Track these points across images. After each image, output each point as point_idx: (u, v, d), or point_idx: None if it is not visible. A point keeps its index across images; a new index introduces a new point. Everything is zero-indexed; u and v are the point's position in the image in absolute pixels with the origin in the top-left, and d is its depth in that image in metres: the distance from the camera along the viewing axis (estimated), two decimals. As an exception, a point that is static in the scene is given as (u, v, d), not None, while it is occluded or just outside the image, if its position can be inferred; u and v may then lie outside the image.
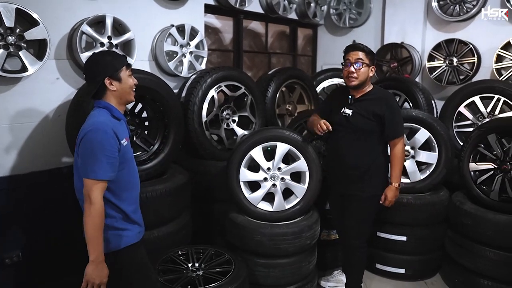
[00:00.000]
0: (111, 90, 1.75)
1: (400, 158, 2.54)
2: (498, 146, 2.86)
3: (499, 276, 2.71)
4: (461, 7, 4.01)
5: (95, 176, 1.62)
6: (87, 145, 1.63)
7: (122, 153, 1.72)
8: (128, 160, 1.79)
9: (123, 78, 1.77)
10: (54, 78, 2.68)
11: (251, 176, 2.70)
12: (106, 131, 1.65)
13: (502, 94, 3.47)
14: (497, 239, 2.67)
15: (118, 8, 2.92)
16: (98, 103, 1.77)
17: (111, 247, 1.73)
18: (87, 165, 1.63)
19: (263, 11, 4.22)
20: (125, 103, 1.84)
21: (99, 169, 1.62)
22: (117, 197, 1.74)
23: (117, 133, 1.69)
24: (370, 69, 2.46)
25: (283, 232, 2.54)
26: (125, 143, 1.74)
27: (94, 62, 1.76)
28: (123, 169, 1.74)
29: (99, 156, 1.62)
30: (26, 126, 2.59)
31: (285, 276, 2.61)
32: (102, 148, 1.62)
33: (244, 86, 3.32)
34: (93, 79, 1.74)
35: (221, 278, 2.24)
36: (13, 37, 2.31)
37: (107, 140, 1.64)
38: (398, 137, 2.51)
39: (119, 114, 1.77)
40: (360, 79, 2.44)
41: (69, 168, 2.80)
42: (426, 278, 3.19)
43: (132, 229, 1.81)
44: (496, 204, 2.78)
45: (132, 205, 1.82)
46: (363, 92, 2.51)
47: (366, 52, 2.44)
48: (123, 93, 1.78)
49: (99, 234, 1.64)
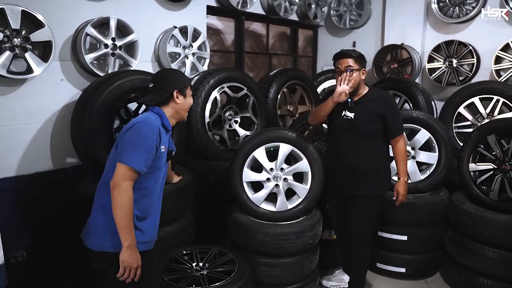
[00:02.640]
0: (175, 102, 1.88)
1: (404, 153, 2.61)
2: (498, 146, 2.89)
3: (498, 274, 2.74)
4: (461, 8, 4.04)
5: (131, 163, 1.67)
6: (133, 134, 1.71)
7: (156, 156, 1.77)
8: (158, 168, 1.83)
9: (187, 95, 1.93)
10: (59, 79, 2.71)
11: (254, 177, 2.72)
12: (153, 127, 1.74)
13: (501, 95, 3.51)
14: (496, 238, 2.69)
15: (122, 10, 2.94)
16: (153, 108, 1.86)
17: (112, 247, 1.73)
18: (127, 151, 1.69)
19: (264, 13, 4.25)
20: (178, 119, 1.95)
21: (136, 158, 1.68)
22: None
23: (161, 137, 1.78)
24: (361, 72, 2.51)
25: (286, 231, 2.57)
26: (162, 150, 1.81)
27: (167, 75, 1.94)
28: (150, 172, 1.78)
29: (140, 147, 1.69)
30: (31, 127, 2.62)
31: (288, 275, 2.63)
32: (145, 140, 1.70)
33: (246, 87, 3.35)
34: (164, 89, 1.85)
35: (225, 277, 2.26)
36: (19, 38, 2.34)
37: (152, 135, 1.72)
38: (400, 134, 2.58)
39: (168, 124, 1.87)
40: (353, 85, 2.48)
41: (74, 168, 2.83)
42: (427, 277, 3.22)
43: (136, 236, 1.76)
44: (495, 204, 2.81)
45: (143, 213, 1.81)
46: (360, 95, 2.56)
47: (355, 58, 2.48)
48: (182, 108, 1.92)
49: (130, 222, 1.69)
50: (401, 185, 2.61)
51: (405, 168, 2.62)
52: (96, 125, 2.40)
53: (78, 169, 2.80)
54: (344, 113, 2.56)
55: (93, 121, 2.39)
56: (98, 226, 1.78)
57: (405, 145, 2.63)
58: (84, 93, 2.58)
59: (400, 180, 2.62)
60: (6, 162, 2.52)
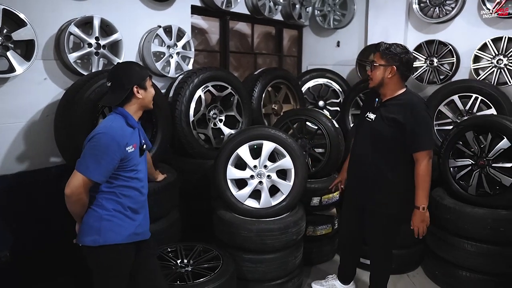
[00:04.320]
0: (136, 98, 1.87)
1: (423, 177, 2.22)
2: (475, 143, 2.98)
3: (476, 267, 2.82)
4: (441, 9, 4.13)
5: (85, 172, 1.70)
6: (93, 144, 1.73)
7: (128, 158, 1.81)
8: (135, 165, 1.87)
9: (148, 87, 1.91)
10: (42, 79, 2.70)
11: (238, 174, 2.76)
12: (114, 137, 1.74)
13: (479, 93, 3.60)
14: (474, 232, 2.78)
15: (106, 9, 2.95)
16: (116, 109, 1.87)
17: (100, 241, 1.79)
18: (84, 160, 1.72)
19: (249, 12, 4.29)
20: (144, 109, 1.96)
21: (94, 169, 1.71)
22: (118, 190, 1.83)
23: (125, 140, 1.79)
24: (387, 69, 2.25)
25: (269, 228, 2.60)
26: (131, 149, 1.82)
27: (123, 71, 1.87)
28: (130, 170, 1.84)
29: (99, 158, 1.71)
30: (14, 126, 2.61)
31: (272, 271, 2.67)
32: (105, 152, 1.72)
33: (230, 86, 3.38)
34: (122, 87, 1.84)
35: (209, 273, 2.30)
36: (0, 37, 2.33)
37: (112, 146, 1.73)
38: (421, 151, 2.21)
39: (133, 121, 1.87)
40: (375, 81, 2.30)
41: (57, 168, 2.82)
42: (409, 271, 3.29)
43: (127, 227, 1.85)
44: (473, 199, 2.89)
45: (136, 205, 1.90)
46: (390, 96, 2.32)
47: (381, 52, 2.26)
48: (145, 101, 1.91)
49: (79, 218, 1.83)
50: (414, 215, 2.28)
51: (422, 194, 2.24)
52: (80, 124, 2.41)
53: (62, 168, 2.79)
54: (368, 114, 2.40)
55: (77, 120, 2.40)
56: None
57: (427, 166, 2.22)
58: (67, 92, 2.58)
59: (415, 208, 2.27)
60: (-12, 162, 2.50)
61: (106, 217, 1.80)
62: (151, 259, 2.05)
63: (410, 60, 2.29)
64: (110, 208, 1.81)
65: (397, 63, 2.25)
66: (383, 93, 2.35)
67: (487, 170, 2.90)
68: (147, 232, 1.98)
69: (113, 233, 1.80)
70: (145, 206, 1.98)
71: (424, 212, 2.27)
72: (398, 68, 2.25)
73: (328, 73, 4.61)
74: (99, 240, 1.77)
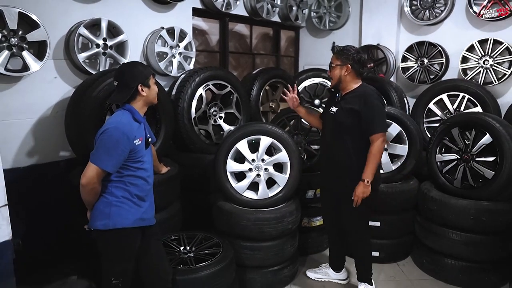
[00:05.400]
0: (141, 95, 2.01)
1: (374, 155, 2.48)
2: (461, 138, 3.15)
3: (460, 255, 2.99)
4: (431, 12, 4.31)
5: (101, 164, 1.87)
6: (105, 138, 1.88)
7: (135, 150, 1.97)
8: (142, 156, 2.02)
9: (151, 85, 2.06)
10: (52, 77, 2.85)
11: (237, 167, 2.92)
12: (124, 131, 1.90)
13: (466, 92, 3.79)
14: (458, 222, 2.94)
15: (112, 12, 3.10)
16: (123, 106, 2.02)
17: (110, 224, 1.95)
18: (98, 153, 1.88)
19: (248, 14, 4.43)
20: (149, 105, 2.11)
21: (106, 160, 1.88)
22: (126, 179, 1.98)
23: (133, 134, 1.94)
24: (343, 68, 2.53)
25: (266, 217, 2.76)
26: (138, 142, 1.98)
27: (127, 71, 2.01)
28: (137, 161, 2.00)
29: (111, 151, 1.87)
30: (26, 122, 2.75)
31: (269, 257, 2.83)
32: (116, 145, 1.88)
33: (230, 85, 3.54)
34: (128, 86, 1.98)
35: (210, 258, 2.46)
36: (16, 38, 2.48)
37: (123, 139, 1.89)
38: (375, 133, 2.47)
39: (139, 117, 2.02)
40: (334, 80, 2.59)
41: (66, 161, 2.96)
42: (399, 260, 3.44)
43: (134, 213, 2.01)
44: (458, 191, 3.05)
45: (142, 193, 2.05)
46: (348, 90, 2.59)
47: (336, 54, 2.57)
48: (150, 98, 2.06)
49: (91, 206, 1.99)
50: (358, 186, 2.51)
51: (369, 170, 2.48)
52: (89, 120, 2.54)
53: (70, 162, 2.94)
54: (331, 108, 2.65)
55: (85, 116, 2.53)
56: None
57: (379, 146, 2.47)
58: (77, 90, 2.72)
59: (361, 180, 2.50)
60: (2, 155, 2.58)
61: (115, 203, 1.96)
62: (156, 243, 2.21)
63: (361, 58, 2.58)
64: (119, 195, 1.97)
65: (350, 62, 2.53)
66: (342, 88, 2.62)
67: (471, 164, 3.07)
68: (152, 218, 2.15)
69: (121, 217, 1.97)
70: (151, 195, 2.15)
71: (367, 186, 2.51)
72: (352, 66, 2.54)
73: (324, 72, 4.75)
74: (108, 224, 1.94)
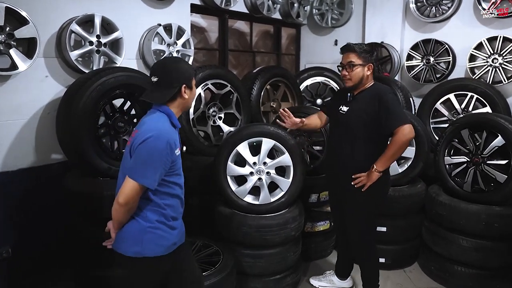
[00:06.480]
0: (182, 98, 1.74)
1: (395, 143, 2.29)
2: (471, 140, 3.03)
3: (471, 261, 2.88)
4: (437, 8, 4.19)
5: (142, 181, 1.60)
6: (147, 148, 1.60)
7: (175, 161, 1.71)
8: (179, 168, 1.77)
9: (193, 87, 1.78)
10: (43, 76, 2.73)
11: (238, 171, 2.79)
12: (168, 140, 1.63)
13: (475, 92, 3.67)
14: (469, 227, 2.83)
15: (106, 8, 2.98)
16: (159, 107, 1.73)
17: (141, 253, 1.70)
18: (139, 168, 1.61)
19: (248, 11, 4.32)
20: (184, 111, 1.85)
21: (150, 176, 1.61)
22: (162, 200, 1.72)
23: (175, 143, 1.68)
24: (365, 68, 2.40)
25: (269, 223, 2.64)
26: (178, 153, 1.72)
27: (172, 68, 1.73)
28: (174, 174, 1.73)
29: (155, 165, 1.60)
30: (16, 123, 2.63)
31: (271, 265, 2.71)
32: (160, 156, 1.61)
33: (230, 84, 3.41)
34: (171, 85, 1.70)
35: (210, 268, 2.34)
36: (3, 35, 2.35)
37: (167, 149, 1.62)
38: (397, 127, 2.29)
39: (177, 122, 1.75)
40: (354, 81, 2.41)
41: (59, 164, 2.85)
42: (406, 266, 3.34)
43: (168, 238, 1.75)
44: (468, 195, 2.94)
45: (176, 213, 1.80)
46: (362, 89, 2.47)
47: (358, 53, 2.38)
48: (189, 102, 1.79)
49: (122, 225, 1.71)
50: (370, 173, 2.38)
51: (384, 158, 2.34)
52: (82, 122, 2.42)
53: (63, 165, 2.82)
54: (341, 107, 2.52)
55: (78, 117, 2.41)
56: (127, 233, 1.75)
57: (403, 135, 2.27)
58: (69, 90, 2.60)
59: (373, 168, 2.37)
60: (-10, 159, 2.53)
61: (149, 230, 1.70)
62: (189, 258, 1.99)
63: (376, 57, 2.48)
64: (154, 220, 1.71)
65: (372, 61, 2.45)
66: (360, 88, 2.48)
67: (482, 167, 2.96)
68: (183, 236, 1.88)
69: (154, 245, 1.71)
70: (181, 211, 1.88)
71: (377, 174, 2.37)
72: (373, 65, 2.47)
73: (326, 71, 4.64)
74: (139, 252, 1.69)
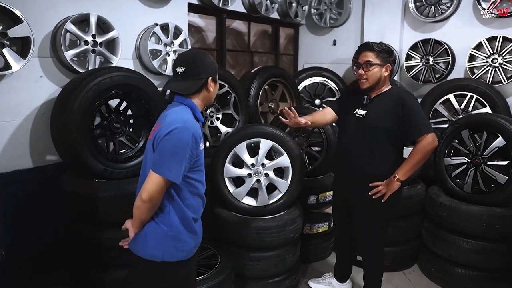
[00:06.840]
0: (208, 90, 1.71)
1: (420, 152, 2.22)
2: (471, 141, 3.01)
3: (471, 263, 2.86)
4: (436, 8, 4.16)
5: (168, 175, 1.54)
6: (173, 140, 1.55)
7: (199, 156, 1.67)
8: (202, 164, 1.73)
9: (217, 82, 1.76)
10: (38, 76, 2.68)
11: (236, 172, 2.76)
12: (194, 132, 1.59)
13: (475, 92, 3.64)
14: (469, 229, 2.81)
15: (102, 7, 2.93)
16: (183, 100, 1.69)
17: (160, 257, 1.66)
18: (165, 161, 1.55)
19: (246, 11, 4.28)
20: (206, 106, 1.81)
21: (175, 170, 1.55)
22: (184, 201, 1.67)
23: (200, 136, 1.65)
24: (383, 68, 2.30)
25: (267, 225, 2.62)
26: (202, 147, 1.69)
27: (199, 59, 1.70)
28: (197, 170, 1.69)
29: (180, 157, 1.55)
30: (10, 124, 2.58)
31: (270, 268, 2.68)
32: (186, 149, 1.56)
33: (227, 84, 3.38)
34: (198, 76, 1.66)
35: (207, 271, 2.31)
36: (-4, 34, 2.31)
37: (192, 142, 1.58)
38: (421, 135, 2.23)
39: (200, 116, 1.71)
40: (371, 81, 2.31)
41: (54, 166, 2.80)
42: (405, 268, 3.31)
43: (189, 242, 1.71)
44: (468, 196, 2.92)
45: (197, 214, 1.75)
46: (379, 92, 2.36)
47: (377, 52, 2.28)
48: (212, 96, 1.76)
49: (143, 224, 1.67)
50: (391, 182, 2.30)
51: (406, 166, 2.27)
52: (77, 123, 2.38)
53: (58, 167, 2.78)
54: (357, 110, 2.40)
55: (73, 118, 2.37)
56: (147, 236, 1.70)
57: (426, 144, 2.21)
58: (64, 90, 2.55)
59: (393, 176, 2.30)
60: (-17, 160, 2.48)
61: (171, 234, 1.66)
62: None
63: (395, 58, 2.34)
64: (176, 223, 1.66)
65: (391, 61, 2.35)
66: (378, 90, 2.38)
67: (483, 168, 2.93)
68: (201, 237, 1.82)
69: (175, 250, 1.68)
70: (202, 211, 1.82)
71: (398, 184, 2.30)
72: (392, 66, 2.36)
73: (325, 71, 4.63)
74: (159, 256, 1.65)
